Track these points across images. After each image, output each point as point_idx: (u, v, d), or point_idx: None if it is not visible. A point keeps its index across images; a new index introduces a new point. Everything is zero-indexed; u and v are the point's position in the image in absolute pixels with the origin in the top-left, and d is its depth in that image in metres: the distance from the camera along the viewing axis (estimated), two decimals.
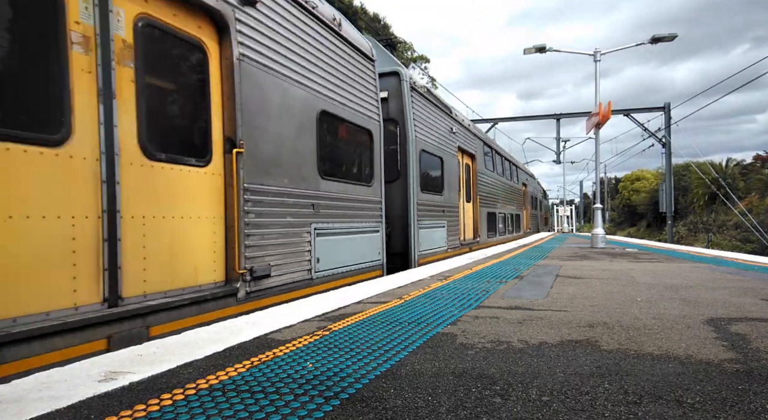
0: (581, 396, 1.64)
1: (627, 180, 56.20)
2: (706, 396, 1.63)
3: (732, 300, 3.56)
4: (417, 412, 1.52)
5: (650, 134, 25.28)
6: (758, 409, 1.52)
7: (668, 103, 24.58)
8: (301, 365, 2.01)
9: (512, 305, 3.39)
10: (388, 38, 10.80)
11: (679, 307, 3.27)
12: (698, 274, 5.28)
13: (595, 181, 12.82)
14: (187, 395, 1.67)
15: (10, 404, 1.59)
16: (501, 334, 2.54)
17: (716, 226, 32.44)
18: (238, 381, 1.82)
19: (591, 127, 12.13)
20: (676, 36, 11.32)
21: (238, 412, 1.52)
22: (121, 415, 1.51)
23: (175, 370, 1.96)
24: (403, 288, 4.31)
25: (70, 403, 1.60)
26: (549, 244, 13.22)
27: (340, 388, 1.74)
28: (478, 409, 1.53)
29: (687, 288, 4.21)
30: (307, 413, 1.51)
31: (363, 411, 1.53)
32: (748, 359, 2.06)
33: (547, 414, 1.49)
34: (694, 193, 36.42)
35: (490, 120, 28.48)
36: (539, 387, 1.73)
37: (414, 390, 1.72)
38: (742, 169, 37.01)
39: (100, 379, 1.85)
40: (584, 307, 3.29)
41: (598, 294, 3.89)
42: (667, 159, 25.37)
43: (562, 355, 2.13)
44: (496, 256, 8.26)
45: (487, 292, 4.02)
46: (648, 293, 3.91)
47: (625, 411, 1.51)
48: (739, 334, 2.50)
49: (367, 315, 3.08)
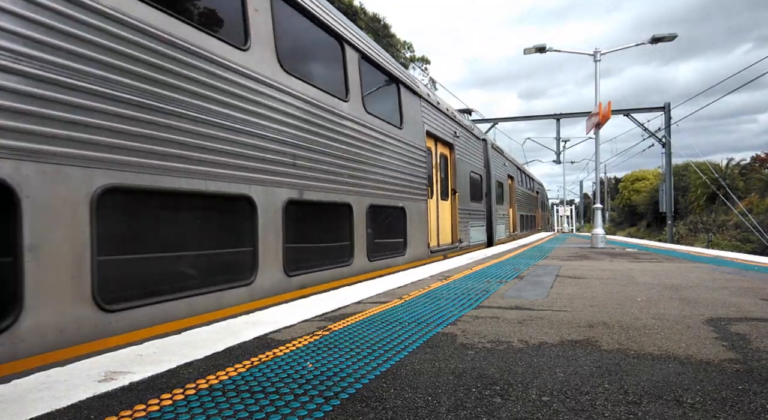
0: (581, 396, 1.64)
1: (627, 180, 56.23)
2: (706, 396, 1.63)
3: (732, 300, 3.56)
4: (417, 412, 1.52)
5: (650, 134, 25.29)
6: (758, 409, 1.52)
7: (668, 103, 24.59)
8: (301, 365, 2.01)
9: (512, 305, 3.39)
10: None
11: (679, 307, 3.27)
12: (698, 274, 5.28)
13: (595, 181, 12.82)
14: (187, 395, 1.67)
15: (10, 404, 1.59)
16: (501, 334, 2.54)
17: (716, 226, 32.44)
18: (238, 381, 1.82)
19: (591, 127, 12.13)
20: (676, 36, 11.32)
21: (238, 412, 1.52)
22: (121, 415, 1.51)
23: (175, 370, 1.96)
24: (403, 288, 4.31)
25: (70, 403, 1.60)
26: (549, 244, 13.22)
27: (340, 388, 1.74)
28: (478, 409, 1.53)
29: (687, 288, 4.21)
30: (307, 413, 1.51)
31: (363, 411, 1.53)
32: (748, 359, 2.06)
33: (547, 414, 1.49)
34: (694, 193, 36.43)
35: (490, 120, 28.47)
36: (539, 387, 1.73)
37: (414, 390, 1.72)
38: (741, 169, 37.03)
39: (100, 379, 1.85)
40: (584, 307, 3.29)
41: (598, 294, 3.89)
42: (667, 159, 25.38)
43: (562, 355, 2.14)
44: (496, 256, 8.26)
45: (487, 292, 4.02)
46: (648, 293, 3.91)
47: (625, 411, 1.51)
48: (739, 334, 2.50)
49: (367, 315, 3.08)
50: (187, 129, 3.21)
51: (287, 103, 4.33)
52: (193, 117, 3.26)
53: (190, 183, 3.23)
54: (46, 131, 2.40)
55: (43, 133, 2.38)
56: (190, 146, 3.24)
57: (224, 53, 3.61)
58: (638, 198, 49.55)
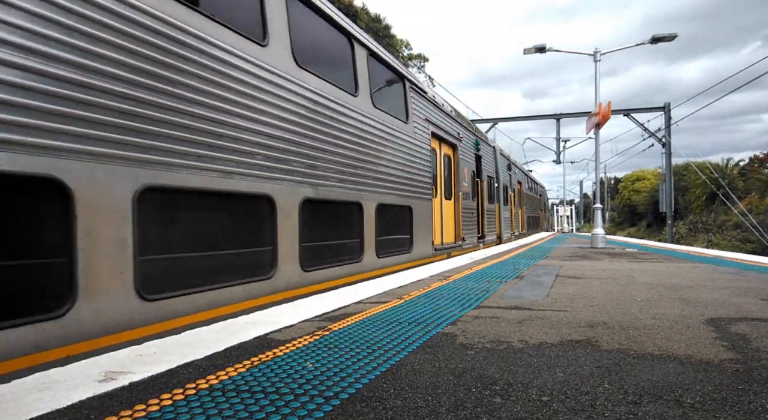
0: (581, 396, 1.64)
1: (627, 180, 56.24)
2: (706, 396, 1.63)
3: (732, 300, 3.56)
4: (417, 412, 1.52)
5: (650, 134, 25.29)
6: (758, 409, 1.52)
7: (668, 103, 24.61)
8: (301, 365, 2.01)
9: (512, 305, 3.39)
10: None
11: (679, 307, 3.27)
12: (698, 274, 5.28)
13: (595, 181, 12.82)
14: (187, 395, 1.67)
15: (10, 404, 1.59)
16: (501, 334, 2.54)
17: (716, 226, 32.44)
18: (238, 381, 1.82)
19: (591, 127, 12.13)
20: (676, 36, 11.32)
21: (238, 412, 1.52)
22: (121, 415, 1.51)
23: (175, 370, 1.96)
24: (403, 288, 4.31)
25: (70, 403, 1.60)
26: (549, 244, 13.22)
27: (340, 388, 1.74)
28: (478, 409, 1.53)
29: (687, 288, 4.21)
30: (307, 413, 1.51)
31: (363, 411, 1.53)
32: (748, 359, 2.06)
33: (547, 414, 1.49)
34: (694, 192, 36.42)
35: (490, 120, 28.47)
36: (539, 387, 1.73)
37: (414, 390, 1.72)
38: (740, 169, 37.02)
39: (100, 379, 1.85)
40: (584, 307, 3.29)
41: (598, 294, 3.89)
42: (667, 159, 25.39)
43: (562, 355, 2.14)
44: (496, 256, 8.26)
45: (487, 292, 4.02)
46: (648, 293, 3.91)
47: (625, 411, 1.51)
48: (739, 334, 2.50)
49: (367, 315, 3.08)
50: (213, 131, 3.39)
51: (298, 99, 4.43)
52: (219, 120, 3.44)
53: (216, 182, 3.40)
54: (100, 135, 2.63)
55: (97, 137, 2.61)
56: (217, 147, 3.42)
57: (252, 52, 3.82)
58: (638, 198, 49.56)
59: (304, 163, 4.44)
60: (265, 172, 3.90)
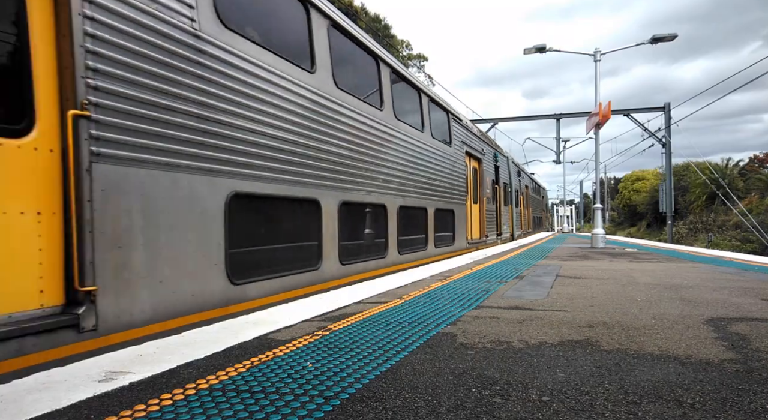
0: (581, 396, 1.64)
1: (627, 180, 56.21)
2: (706, 396, 1.63)
3: (732, 300, 3.56)
4: (417, 412, 1.52)
5: (650, 134, 25.28)
6: (758, 409, 1.52)
7: (668, 103, 24.58)
8: (301, 365, 2.01)
9: (512, 305, 3.39)
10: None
11: (679, 307, 3.27)
12: (698, 274, 5.28)
13: (595, 181, 12.82)
14: (187, 395, 1.67)
15: (10, 404, 1.59)
16: (501, 334, 2.54)
17: (716, 226, 32.41)
18: (238, 381, 1.82)
19: (591, 127, 12.13)
20: (676, 36, 11.32)
21: (238, 412, 1.52)
22: (121, 415, 1.51)
23: (175, 370, 1.96)
24: (403, 288, 4.31)
25: (70, 403, 1.60)
26: (549, 244, 13.22)
27: (340, 388, 1.74)
28: (478, 409, 1.53)
29: (687, 288, 4.21)
30: (307, 413, 1.51)
31: (363, 411, 1.53)
32: (748, 359, 2.06)
33: (547, 414, 1.49)
34: (694, 192, 36.41)
35: (490, 120, 28.44)
36: (539, 387, 1.73)
37: (414, 390, 1.72)
38: (740, 169, 37.01)
39: (100, 379, 1.85)
40: (584, 307, 3.29)
41: (598, 294, 3.89)
42: (667, 159, 25.38)
43: (562, 355, 2.14)
44: (496, 256, 8.26)
45: (487, 292, 4.02)
46: (648, 293, 3.91)
47: (625, 411, 1.51)
48: (739, 334, 2.50)
49: (367, 315, 3.08)
50: (279, 148, 4.11)
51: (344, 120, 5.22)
52: (282, 138, 4.15)
53: (282, 189, 4.16)
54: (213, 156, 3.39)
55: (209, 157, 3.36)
56: (283, 161, 4.14)
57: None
58: (638, 198, 49.54)
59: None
60: (314, 180, 4.59)
